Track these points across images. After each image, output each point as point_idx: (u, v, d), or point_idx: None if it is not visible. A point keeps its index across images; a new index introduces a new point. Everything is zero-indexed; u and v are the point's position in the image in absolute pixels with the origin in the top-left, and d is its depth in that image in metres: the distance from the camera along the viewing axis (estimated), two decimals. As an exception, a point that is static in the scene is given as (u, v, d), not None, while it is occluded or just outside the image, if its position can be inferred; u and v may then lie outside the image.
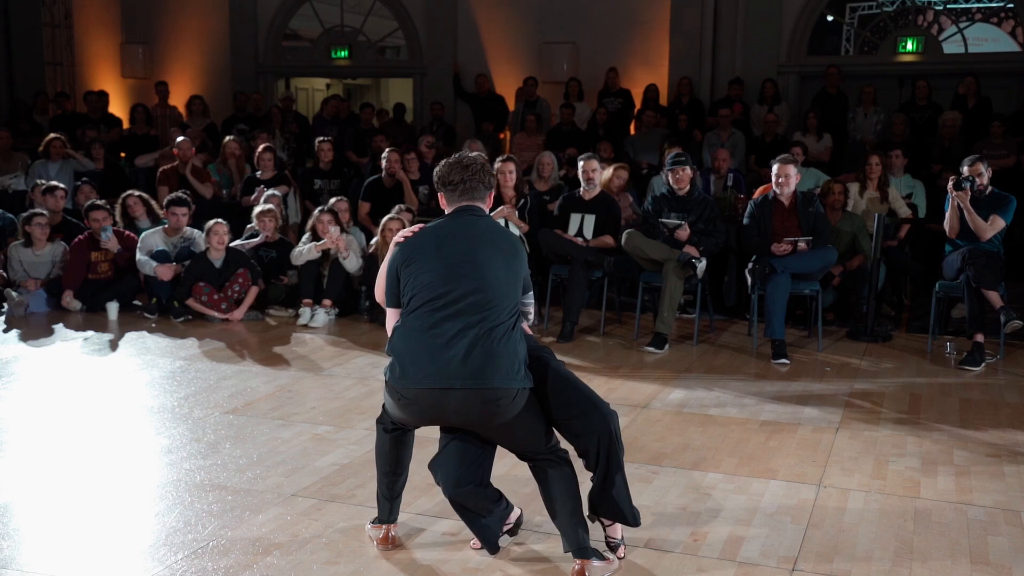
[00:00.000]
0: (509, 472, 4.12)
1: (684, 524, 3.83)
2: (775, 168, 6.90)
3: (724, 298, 8.17)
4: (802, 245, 6.78)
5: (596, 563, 3.34)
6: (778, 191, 6.91)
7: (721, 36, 11.92)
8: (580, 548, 3.34)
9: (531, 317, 3.58)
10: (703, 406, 5.49)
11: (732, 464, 4.53)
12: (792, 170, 6.85)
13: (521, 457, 3.47)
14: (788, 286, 6.71)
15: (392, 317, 3.44)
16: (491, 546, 3.53)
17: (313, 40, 13.98)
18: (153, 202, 8.65)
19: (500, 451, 3.55)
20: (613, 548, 3.50)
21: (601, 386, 5.84)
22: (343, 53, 13.72)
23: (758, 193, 7.56)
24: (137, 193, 8.60)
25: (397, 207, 7.95)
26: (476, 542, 3.59)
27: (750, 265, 6.93)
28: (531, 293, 3.52)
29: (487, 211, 3.52)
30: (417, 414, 3.33)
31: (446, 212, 3.48)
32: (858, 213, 7.70)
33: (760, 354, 6.75)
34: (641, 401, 5.54)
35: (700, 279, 7.00)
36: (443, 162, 3.50)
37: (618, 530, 3.52)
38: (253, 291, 7.66)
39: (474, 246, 3.33)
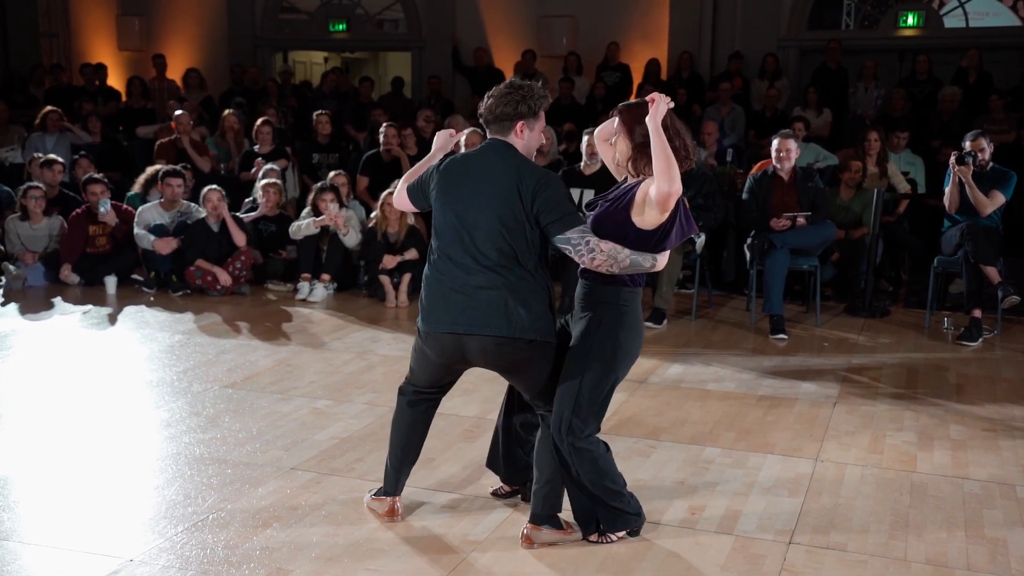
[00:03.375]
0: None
1: (682, 498, 3.85)
2: (775, 143, 6.88)
3: (723, 273, 8.17)
4: (801, 220, 6.77)
5: (545, 530, 3.39)
6: (778, 166, 6.89)
7: (721, 10, 11.84)
8: (534, 515, 3.40)
9: (585, 251, 3.19)
10: (701, 381, 5.50)
11: (730, 438, 4.55)
12: (792, 145, 6.83)
13: (530, 403, 3.48)
14: (787, 261, 6.71)
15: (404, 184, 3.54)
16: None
17: (311, 13, 13.86)
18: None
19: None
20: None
21: (599, 361, 5.85)
22: (341, 26, 13.61)
23: (757, 168, 7.55)
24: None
25: (396, 182, 7.92)
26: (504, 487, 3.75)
27: (749, 240, 6.93)
28: (575, 233, 3.19)
29: (513, 143, 3.32)
30: (439, 351, 3.37)
31: None
32: (868, 189, 7.66)
33: (758, 329, 6.76)
34: (639, 376, 5.55)
35: (699, 254, 7.00)
36: None
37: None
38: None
39: (474, 192, 3.27)
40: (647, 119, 3.21)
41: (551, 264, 3.41)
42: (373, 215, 7.68)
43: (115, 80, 12.96)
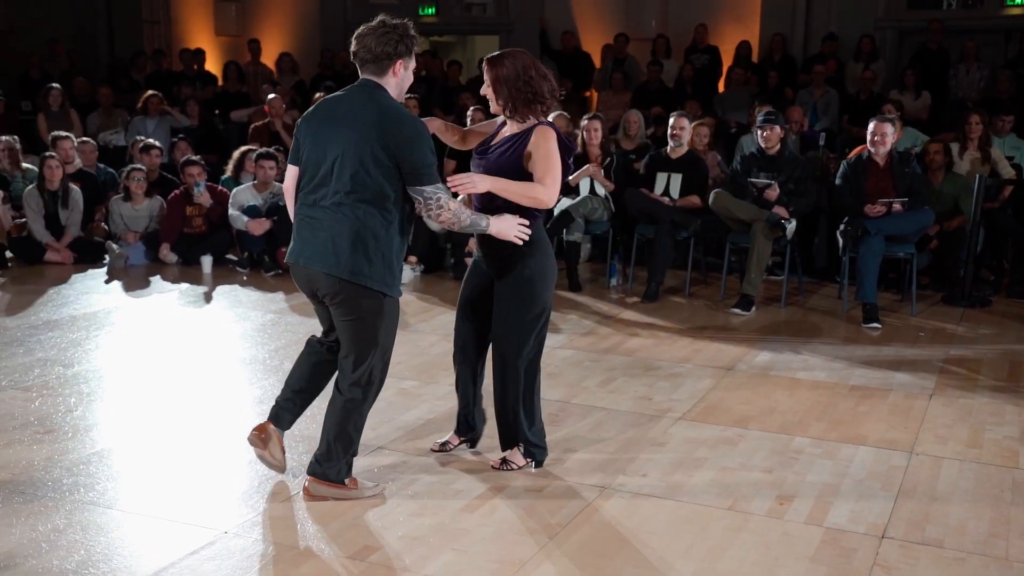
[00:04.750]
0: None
1: (769, 488, 3.79)
2: (871, 126, 6.69)
3: (814, 260, 7.99)
4: (897, 207, 6.57)
5: (317, 482, 3.58)
6: (873, 150, 6.70)
7: (815, -10, 11.53)
8: (318, 470, 3.56)
9: (434, 206, 3.41)
10: (790, 369, 5.40)
11: (820, 429, 4.46)
12: (889, 128, 6.63)
13: (342, 359, 3.56)
14: (881, 248, 6.53)
15: (290, 174, 3.55)
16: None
17: (401, -2, 13.98)
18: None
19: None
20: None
21: (686, 347, 5.79)
22: (430, 10, 13.70)
23: (853, 153, 7.35)
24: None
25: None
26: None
27: (842, 227, 6.76)
28: (429, 188, 3.36)
29: (387, 84, 3.39)
30: (298, 284, 3.52)
31: None
32: (960, 174, 7.43)
33: (850, 318, 6.60)
34: (726, 363, 5.48)
35: (789, 240, 6.86)
36: None
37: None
38: None
39: (338, 132, 3.31)
40: (482, 187, 3.62)
41: (638, 248, 3.48)
42: (461, 197, 7.71)
43: (212, 65, 13.29)
